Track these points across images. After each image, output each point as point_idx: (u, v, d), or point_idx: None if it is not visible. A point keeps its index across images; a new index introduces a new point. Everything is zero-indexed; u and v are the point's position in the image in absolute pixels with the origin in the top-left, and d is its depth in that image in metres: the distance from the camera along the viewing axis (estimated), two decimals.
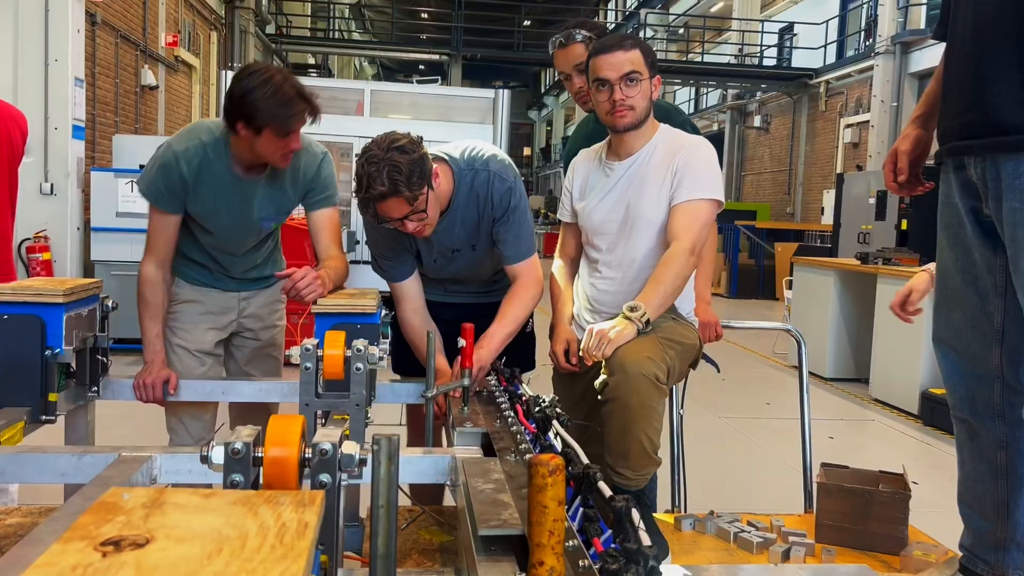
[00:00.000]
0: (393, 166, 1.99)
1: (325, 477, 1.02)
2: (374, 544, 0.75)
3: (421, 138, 2.15)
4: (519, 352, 2.50)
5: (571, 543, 1.06)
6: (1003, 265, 1.72)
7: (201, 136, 2.34)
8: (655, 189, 2.24)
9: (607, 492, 1.08)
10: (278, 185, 2.43)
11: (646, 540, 0.91)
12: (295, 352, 1.79)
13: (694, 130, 2.58)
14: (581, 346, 2.11)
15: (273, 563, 0.54)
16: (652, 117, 2.32)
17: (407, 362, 2.55)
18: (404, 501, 2.10)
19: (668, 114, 2.57)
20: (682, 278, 2.17)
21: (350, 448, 1.05)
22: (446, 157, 2.27)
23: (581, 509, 1.17)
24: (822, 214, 15.68)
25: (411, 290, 2.43)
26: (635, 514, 0.99)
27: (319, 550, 0.79)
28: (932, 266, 2.27)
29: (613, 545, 0.98)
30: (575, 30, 2.72)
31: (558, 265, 2.54)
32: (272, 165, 2.34)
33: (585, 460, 1.23)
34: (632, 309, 2.06)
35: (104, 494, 0.65)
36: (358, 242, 7.28)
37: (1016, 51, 1.59)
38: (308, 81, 12.81)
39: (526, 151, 43.07)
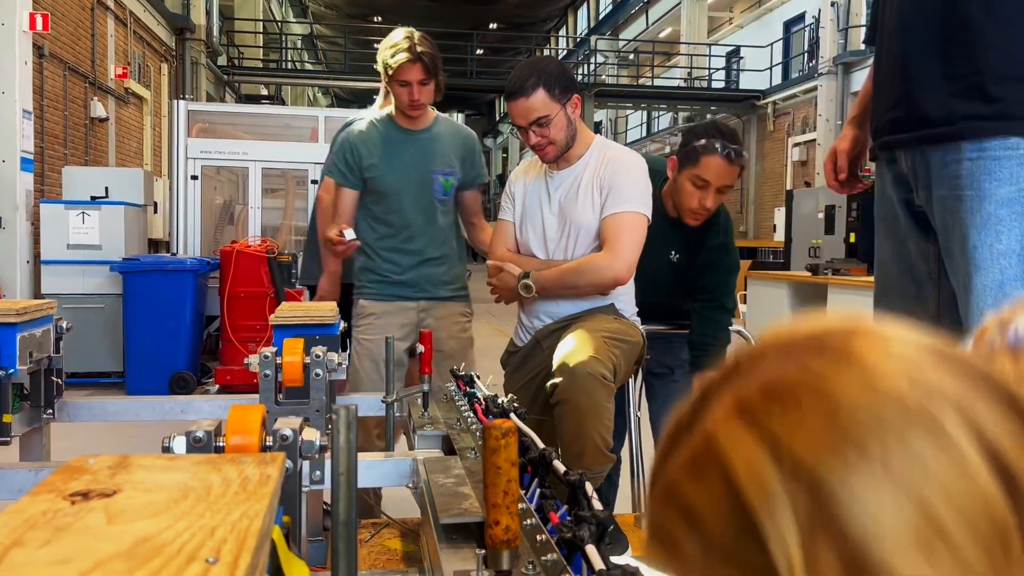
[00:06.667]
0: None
1: (287, 464, 1.04)
2: (335, 511, 0.77)
3: None
4: None
5: (529, 521, 1.10)
6: (935, 253, 1.80)
7: None
8: (588, 199, 2.29)
9: (562, 469, 1.11)
10: None
11: (599, 506, 0.94)
12: (254, 361, 1.80)
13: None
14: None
15: (237, 504, 0.57)
16: (584, 130, 2.37)
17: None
18: (371, 516, 2.11)
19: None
20: (588, 281, 2.24)
21: (311, 435, 1.07)
22: None
23: (538, 491, 1.20)
24: (774, 231, 15.98)
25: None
26: (589, 486, 1.02)
27: (281, 509, 0.82)
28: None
29: (568, 517, 1.02)
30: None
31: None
32: None
33: (541, 445, 1.27)
34: (525, 274, 2.27)
35: (70, 460, 0.67)
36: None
37: (938, 49, 1.68)
38: (261, 109, 12.56)
39: None
